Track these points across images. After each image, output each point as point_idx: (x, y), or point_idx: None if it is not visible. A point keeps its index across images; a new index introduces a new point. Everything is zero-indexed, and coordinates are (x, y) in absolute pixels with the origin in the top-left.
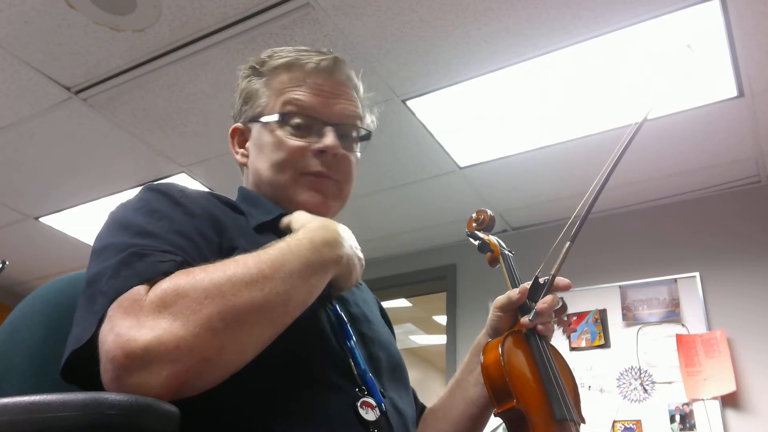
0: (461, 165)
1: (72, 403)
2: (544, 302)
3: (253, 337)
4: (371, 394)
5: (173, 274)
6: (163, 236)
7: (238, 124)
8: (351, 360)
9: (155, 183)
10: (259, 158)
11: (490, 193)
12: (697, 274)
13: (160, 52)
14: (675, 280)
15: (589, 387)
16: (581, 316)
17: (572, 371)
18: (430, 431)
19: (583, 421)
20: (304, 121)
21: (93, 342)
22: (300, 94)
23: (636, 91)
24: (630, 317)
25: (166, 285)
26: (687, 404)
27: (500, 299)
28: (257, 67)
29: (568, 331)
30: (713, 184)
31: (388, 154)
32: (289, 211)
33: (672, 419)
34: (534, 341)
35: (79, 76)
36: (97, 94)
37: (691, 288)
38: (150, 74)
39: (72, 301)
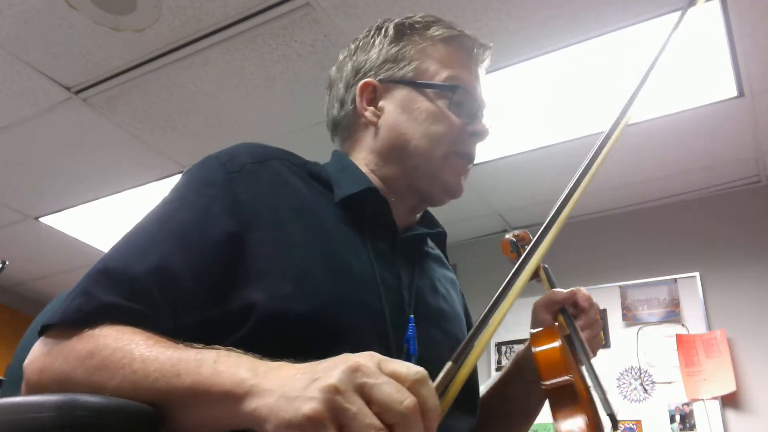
0: None
1: (46, 405)
2: (587, 299)
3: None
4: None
5: (100, 329)
6: (156, 240)
7: (373, 81)
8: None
9: (221, 152)
10: (409, 123)
11: (490, 193)
12: (697, 274)
13: (160, 52)
14: (675, 280)
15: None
16: None
17: None
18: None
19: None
20: (466, 101)
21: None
22: (464, 74)
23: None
24: (630, 317)
25: (71, 336)
26: (687, 404)
27: (542, 298)
28: (409, 30)
29: None
30: (713, 184)
31: None
32: (417, 186)
33: (672, 419)
34: (578, 342)
35: (79, 76)
36: (97, 94)
37: (691, 288)
38: (150, 74)
39: None
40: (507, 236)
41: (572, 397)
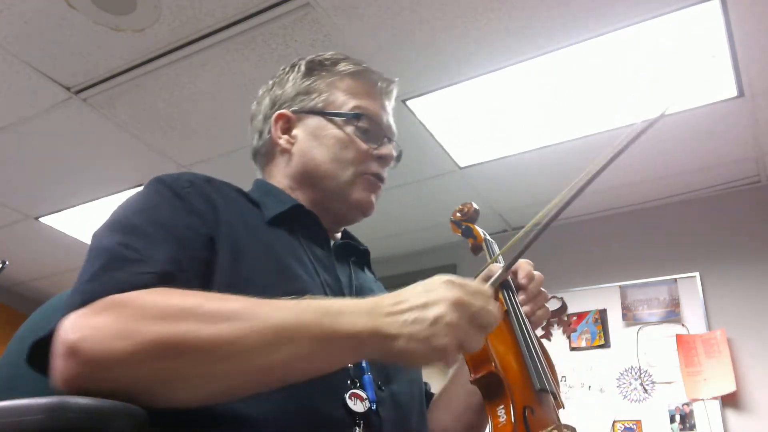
0: (461, 165)
1: (36, 407)
2: (526, 275)
3: (193, 382)
4: (363, 387)
5: (147, 290)
6: (154, 239)
7: (286, 112)
8: None
9: (165, 175)
10: (318, 149)
11: (490, 193)
12: (697, 274)
13: (160, 52)
14: (675, 280)
15: (589, 387)
16: (581, 316)
17: (551, 357)
18: (433, 423)
19: (562, 405)
20: (371, 127)
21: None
22: (369, 104)
23: (636, 91)
24: (630, 317)
25: (133, 296)
26: (687, 404)
27: (482, 273)
28: (319, 66)
29: (568, 331)
30: (713, 184)
31: None
32: (330, 206)
33: (672, 419)
34: (514, 317)
35: (79, 76)
36: (97, 94)
37: (691, 288)
38: (150, 74)
39: None
40: (452, 217)
41: (498, 387)
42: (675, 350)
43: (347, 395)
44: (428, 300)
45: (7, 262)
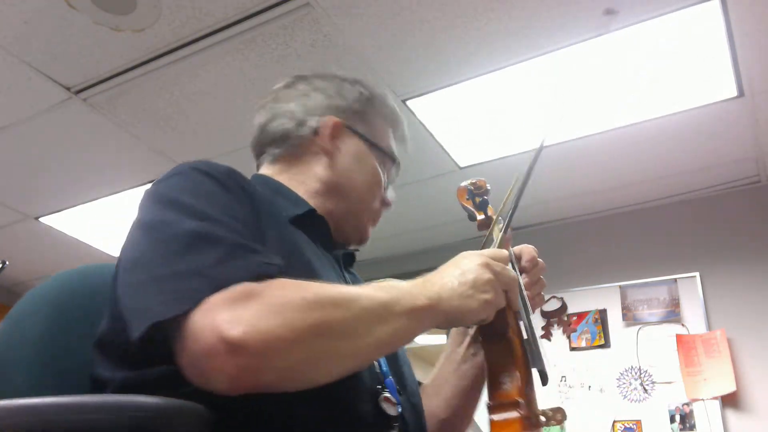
0: (461, 165)
1: (105, 406)
2: (530, 259)
3: (338, 361)
4: (391, 392)
5: (282, 280)
6: (238, 228)
7: (343, 121)
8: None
9: (195, 163)
10: (359, 171)
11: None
12: (697, 274)
13: (160, 52)
14: (675, 280)
15: (589, 387)
16: (581, 316)
17: None
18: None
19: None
20: (392, 173)
21: (174, 319)
22: (396, 149)
23: (636, 90)
24: (630, 317)
25: (270, 286)
26: (687, 404)
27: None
28: (378, 101)
29: (568, 331)
30: (713, 184)
31: None
32: (341, 225)
33: (672, 419)
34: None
35: (79, 76)
36: (97, 94)
37: (691, 288)
38: (150, 74)
39: (75, 295)
40: (464, 184)
41: (508, 353)
42: (675, 350)
43: (381, 399)
44: (463, 268)
45: (7, 262)
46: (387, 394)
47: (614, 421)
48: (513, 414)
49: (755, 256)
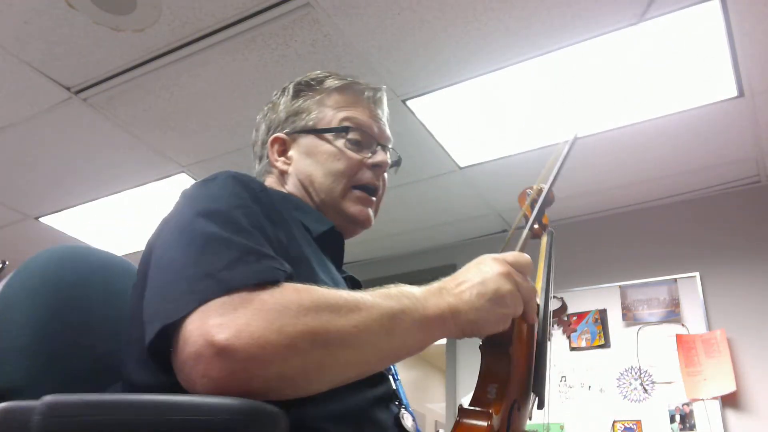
0: (461, 165)
1: (231, 408)
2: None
3: (335, 370)
4: (404, 406)
5: (284, 285)
6: (259, 238)
7: (280, 135)
8: (389, 374)
9: (236, 173)
10: (312, 166)
11: (490, 193)
12: (697, 274)
13: (160, 52)
14: (675, 280)
15: (589, 387)
16: (581, 316)
17: None
18: None
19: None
20: (362, 137)
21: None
22: (358, 114)
23: (636, 90)
24: (630, 317)
25: (271, 291)
26: (687, 404)
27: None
28: (306, 86)
29: (568, 331)
30: (713, 184)
31: None
32: (334, 221)
33: (672, 419)
34: (542, 319)
35: (79, 76)
36: (97, 94)
37: (691, 288)
38: (150, 74)
39: (78, 277)
40: (528, 189)
41: (504, 367)
42: (675, 350)
43: (400, 413)
44: (484, 277)
45: (7, 262)
46: (403, 410)
47: (614, 421)
48: (481, 423)
49: (755, 256)
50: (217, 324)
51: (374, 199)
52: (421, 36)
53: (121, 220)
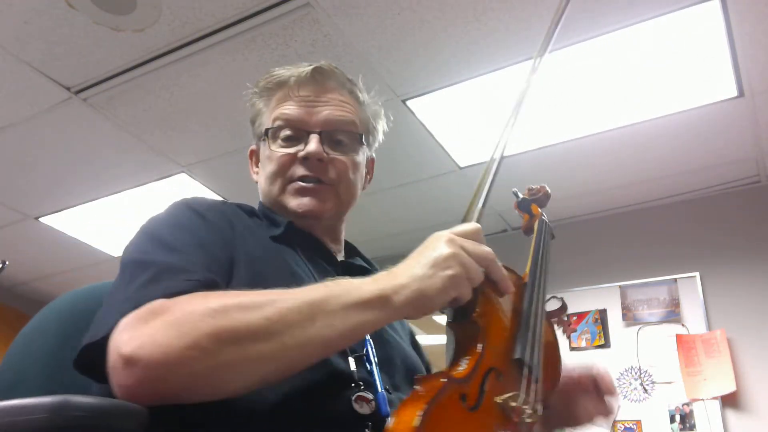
0: (461, 165)
1: (41, 406)
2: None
3: (251, 365)
4: (371, 390)
5: (192, 294)
6: (189, 252)
7: (253, 146)
8: (352, 355)
9: (188, 198)
10: (262, 173)
11: (490, 193)
12: (697, 274)
13: (160, 52)
14: (675, 280)
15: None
16: (581, 316)
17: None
18: None
19: (550, 387)
20: (292, 132)
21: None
22: (287, 108)
23: (636, 90)
24: (630, 317)
25: (178, 300)
26: (687, 404)
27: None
28: (258, 89)
29: (568, 331)
30: (713, 184)
31: (388, 154)
32: (290, 219)
33: (672, 419)
34: (530, 289)
35: (79, 76)
36: (97, 94)
37: (691, 288)
38: (150, 74)
39: (86, 313)
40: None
41: (472, 338)
42: (675, 350)
43: (353, 398)
44: (423, 249)
45: (7, 262)
46: (362, 393)
47: (614, 421)
48: (439, 380)
49: (755, 256)
50: (126, 338)
51: (316, 186)
52: (421, 36)
53: (121, 220)
